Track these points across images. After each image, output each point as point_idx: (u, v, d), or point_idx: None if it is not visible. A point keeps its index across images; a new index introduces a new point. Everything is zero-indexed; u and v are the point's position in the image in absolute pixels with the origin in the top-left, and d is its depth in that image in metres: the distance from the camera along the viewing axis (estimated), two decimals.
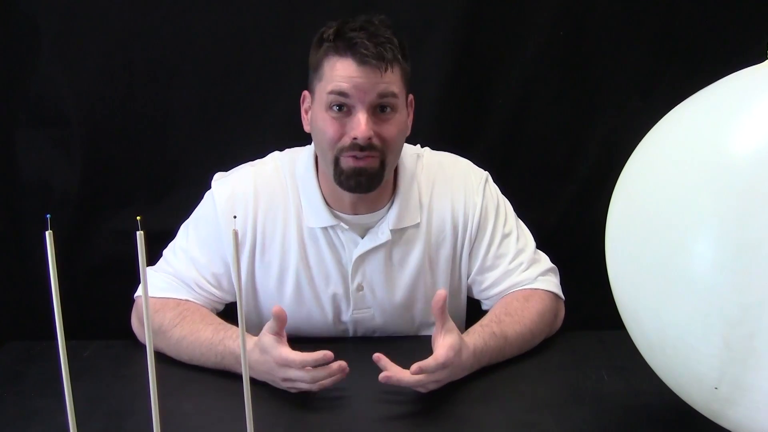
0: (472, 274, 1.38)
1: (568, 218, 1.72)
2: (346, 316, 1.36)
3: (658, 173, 0.87)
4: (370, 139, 1.19)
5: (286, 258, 1.32)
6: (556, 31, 1.65)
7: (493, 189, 1.40)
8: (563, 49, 1.66)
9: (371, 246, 1.31)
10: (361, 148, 1.20)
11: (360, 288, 1.33)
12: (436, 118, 1.67)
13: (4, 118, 1.64)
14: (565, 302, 1.41)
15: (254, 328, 1.36)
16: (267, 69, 1.62)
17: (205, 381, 1.21)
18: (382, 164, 1.23)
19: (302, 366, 1.10)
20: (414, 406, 1.11)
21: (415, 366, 1.09)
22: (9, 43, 1.61)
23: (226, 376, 1.19)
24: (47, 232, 0.69)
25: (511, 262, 1.36)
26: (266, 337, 1.12)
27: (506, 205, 1.41)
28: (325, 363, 1.10)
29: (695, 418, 0.91)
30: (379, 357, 1.11)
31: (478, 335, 1.21)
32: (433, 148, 1.44)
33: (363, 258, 1.32)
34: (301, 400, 1.13)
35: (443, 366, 1.11)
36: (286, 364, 1.10)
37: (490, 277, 1.37)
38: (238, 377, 0.78)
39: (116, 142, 1.66)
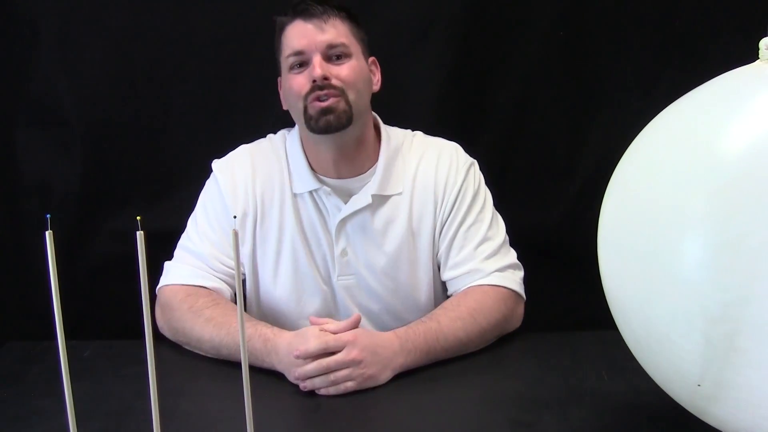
0: (442, 249, 1.39)
1: (568, 218, 1.71)
2: (333, 281, 1.39)
3: (646, 171, 0.88)
4: (326, 78, 1.28)
5: (283, 224, 1.37)
6: (556, 31, 1.65)
7: (477, 175, 1.43)
8: (563, 49, 1.66)
9: (352, 210, 1.35)
10: (321, 87, 1.27)
11: (344, 253, 1.37)
12: (436, 117, 1.67)
13: (4, 118, 1.64)
14: (565, 302, 1.41)
15: (253, 304, 1.40)
16: (267, 69, 1.62)
17: (205, 381, 1.21)
18: (347, 103, 1.30)
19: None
20: (414, 406, 1.11)
21: (295, 353, 1.14)
22: (9, 43, 1.61)
23: (226, 376, 1.19)
24: (47, 232, 0.69)
25: (476, 248, 1.37)
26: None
27: (486, 194, 1.43)
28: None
29: (694, 418, 0.91)
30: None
31: (401, 326, 1.25)
32: None
33: (345, 222, 1.36)
34: (301, 401, 1.13)
35: (338, 341, 1.15)
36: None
37: (454, 256, 1.38)
38: (238, 376, 0.78)
39: (116, 142, 1.66)
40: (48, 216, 0.69)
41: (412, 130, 1.47)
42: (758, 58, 0.86)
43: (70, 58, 1.61)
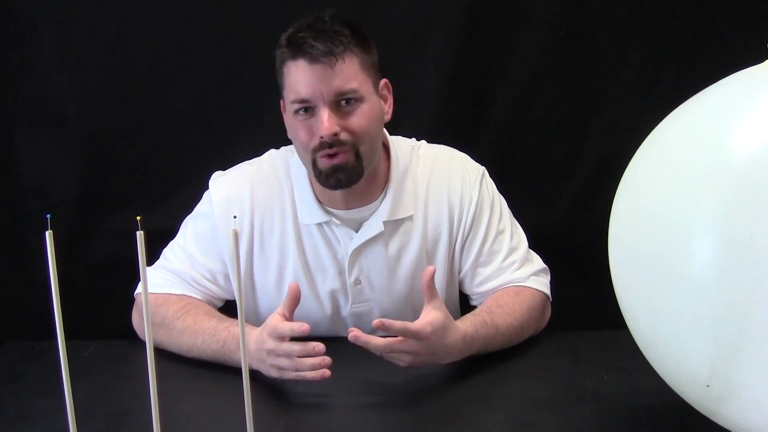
0: (465, 268, 1.38)
1: (569, 218, 1.72)
2: (345, 311, 1.36)
3: (656, 172, 0.88)
4: (336, 135, 1.21)
5: (285, 255, 1.33)
6: (556, 31, 1.65)
7: (490, 185, 1.41)
8: (563, 49, 1.66)
9: (365, 239, 1.32)
10: (330, 145, 1.21)
11: (357, 282, 1.34)
12: (436, 117, 1.67)
13: (4, 118, 1.64)
14: (565, 302, 1.41)
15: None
16: (267, 69, 1.62)
17: (205, 381, 1.21)
18: (358, 156, 1.24)
19: (285, 334, 1.09)
20: (414, 407, 1.11)
21: (377, 321, 1.09)
22: (9, 43, 1.61)
23: (226, 377, 1.19)
24: (47, 232, 0.69)
25: (504, 260, 1.37)
26: (272, 315, 1.13)
27: (501, 202, 1.41)
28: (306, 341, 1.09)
29: (695, 418, 0.91)
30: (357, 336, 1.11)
31: (469, 322, 1.22)
32: None
33: (359, 252, 1.33)
34: (301, 400, 1.13)
35: (415, 335, 1.11)
36: (272, 332, 1.10)
37: (483, 272, 1.37)
38: (237, 376, 0.78)
39: (116, 142, 1.66)
40: (48, 216, 0.69)
41: (417, 139, 1.43)
42: (766, 59, 0.86)
43: (70, 58, 1.61)
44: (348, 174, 1.24)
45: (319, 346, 1.09)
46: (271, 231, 1.33)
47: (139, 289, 1.35)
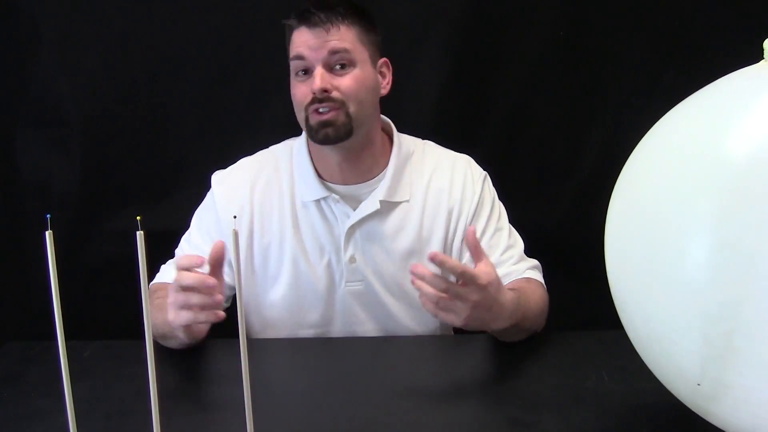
0: (464, 260, 1.39)
1: (568, 218, 1.72)
2: (340, 289, 1.38)
3: (652, 171, 0.88)
4: (325, 91, 1.27)
5: (283, 237, 1.36)
6: (556, 31, 1.65)
7: (492, 188, 1.45)
8: (563, 49, 1.66)
9: (361, 216, 1.35)
10: (320, 100, 1.27)
11: (353, 260, 1.37)
12: (436, 118, 1.67)
13: (4, 118, 1.64)
14: (565, 302, 1.41)
15: (252, 314, 1.39)
16: (267, 69, 1.62)
17: (205, 381, 1.21)
18: (348, 115, 1.29)
19: (183, 266, 1.06)
20: (413, 406, 1.11)
21: (433, 252, 1.06)
22: (9, 43, 1.61)
23: (226, 376, 1.19)
24: (47, 232, 0.69)
25: (502, 254, 1.39)
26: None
27: (501, 207, 1.45)
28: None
29: (695, 418, 0.91)
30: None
31: (509, 291, 1.20)
32: None
33: (354, 228, 1.36)
34: (301, 400, 1.13)
35: (473, 278, 1.07)
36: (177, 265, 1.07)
37: None
38: (238, 377, 0.78)
39: (116, 142, 1.66)
40: (48, 216, 0.69)
41: (422, 139, 1.46)
42: (762, 58, 0.86)
43: (70, 58, 1.62)
44: (336, 129, 1.29)
45: (210, 279, 1.05)
46: (270, 214, 1.37)
47: (156, 279, 1.38)
